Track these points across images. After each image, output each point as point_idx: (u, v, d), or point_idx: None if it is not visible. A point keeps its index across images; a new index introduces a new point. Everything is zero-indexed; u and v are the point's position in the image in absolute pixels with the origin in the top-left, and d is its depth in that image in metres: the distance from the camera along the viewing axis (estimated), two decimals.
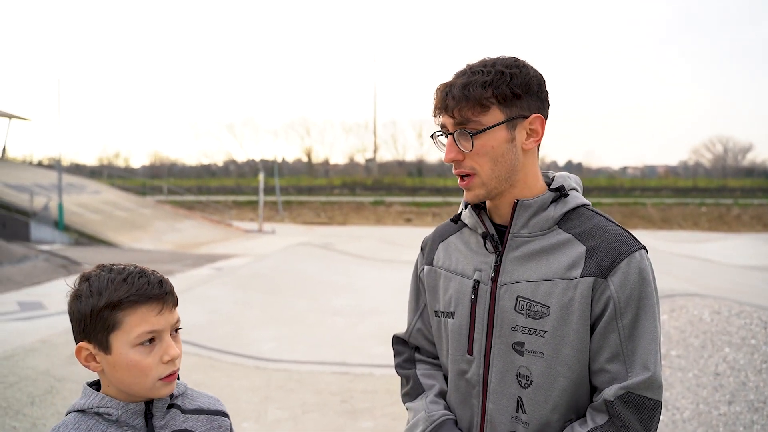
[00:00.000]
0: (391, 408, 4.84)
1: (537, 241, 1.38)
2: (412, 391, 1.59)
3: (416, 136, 69.38)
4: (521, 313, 1.35)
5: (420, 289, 1.63)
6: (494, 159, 1.36)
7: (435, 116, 1.42)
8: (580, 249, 1.34)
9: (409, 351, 1.66)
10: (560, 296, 1.32)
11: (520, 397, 1.37)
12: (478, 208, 1.47)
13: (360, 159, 65.90)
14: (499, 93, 1.33)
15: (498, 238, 1.43)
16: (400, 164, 63.27)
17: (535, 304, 1.34)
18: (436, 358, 1.62)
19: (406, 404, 1.60)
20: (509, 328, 1.37)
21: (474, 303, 1.42)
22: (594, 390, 1.36)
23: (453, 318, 1.46)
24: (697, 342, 4.32)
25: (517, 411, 1.37)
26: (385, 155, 66.73)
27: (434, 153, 69.92)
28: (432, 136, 1.45)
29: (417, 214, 32.29)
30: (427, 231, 1.69)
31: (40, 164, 45.25)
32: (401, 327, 1.72)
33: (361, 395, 5.15)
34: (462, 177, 1.40)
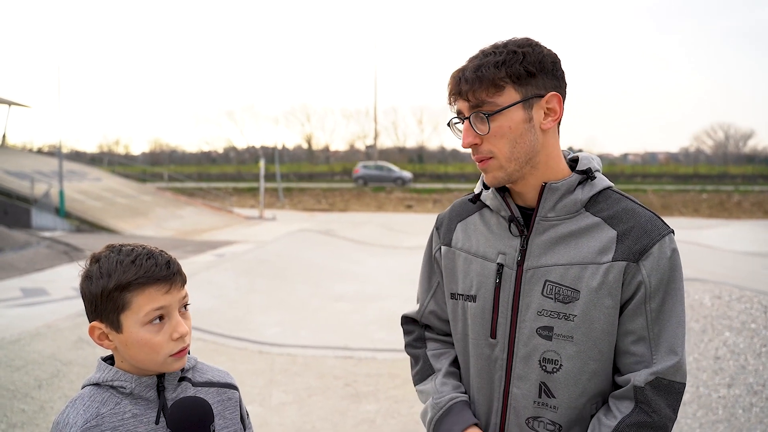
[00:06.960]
0: (394, 391, 4.89)
1: (564, 224, 1.35)
2: (421, 372, 1.57)
3: (417, 123, 69.53)
4: (549, 298, 1.33)
5: (434, 268, 1.59)
6: (512, 141, 1.32)
7: (450, 103, 1.39)
8: (610, 233, 1.32)
9: (420, 329, 1.64)
10: (589, 280, 1.31)
11: (543, 382, 1.35)
12: (503, 190, 1.42)
13: (360, 145, 65.60)
14: (513, 72, 1.29)
15: (523, 221, 1.40)
16: (401, 151, 63.04)
17: (564, 288, 1.32)
18: (447, 335, 1.60)
19: (417, 386, 1.58)
20: (535, 312, 1.35)
21: (498, 287, 1.39)
22: (616, 371, 1.36)
23: (474, 301, 1.43)
24: (697, 326, 4.35)
25: (540, 396, 1.36)
26: (386, 142, 66.22)
27: (434, 140, 69.77)
28: (449, 124, 1.42)
29: (417, 201, 32.23)
30: (428, 217, 1.66)
31: (40, 151, 45.24)
32: (404, 312, 1.70)
33: (364, 379, 5.21)
34: (480, 160, 1.37)
